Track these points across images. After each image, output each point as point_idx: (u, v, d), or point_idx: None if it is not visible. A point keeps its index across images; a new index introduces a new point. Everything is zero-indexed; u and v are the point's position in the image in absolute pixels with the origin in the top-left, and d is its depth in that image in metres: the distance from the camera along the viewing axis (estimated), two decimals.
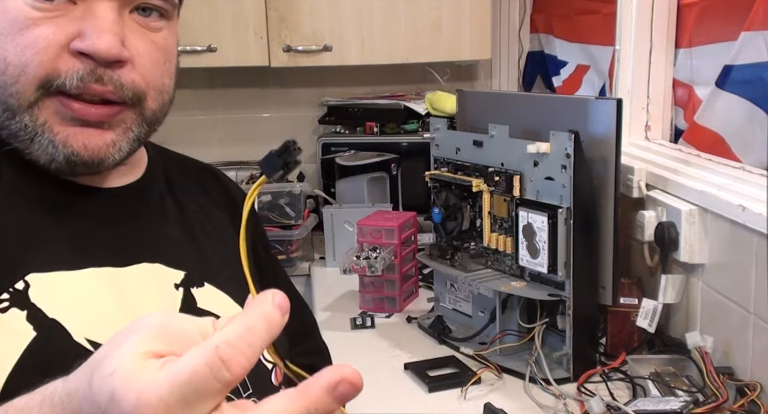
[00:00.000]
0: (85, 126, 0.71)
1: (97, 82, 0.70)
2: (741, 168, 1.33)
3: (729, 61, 1.38)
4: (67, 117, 0.70)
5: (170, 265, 0.81)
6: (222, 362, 0.40)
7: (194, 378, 0.40)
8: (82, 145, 0.71)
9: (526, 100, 1.63)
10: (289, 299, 1.11)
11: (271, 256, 1.06)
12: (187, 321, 0.45)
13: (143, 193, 0.84)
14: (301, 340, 1.03)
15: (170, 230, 0.84)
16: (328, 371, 0.44)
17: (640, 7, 1.63)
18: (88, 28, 0.69)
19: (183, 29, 2.61)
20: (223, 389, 0.41)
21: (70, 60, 0.69)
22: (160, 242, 0.82)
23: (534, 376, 1.30)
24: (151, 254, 0.80)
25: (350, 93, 2.50)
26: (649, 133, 1.68)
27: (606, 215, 1.34)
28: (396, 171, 2.14)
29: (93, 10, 0.70)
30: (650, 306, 1.37)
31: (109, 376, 0.42)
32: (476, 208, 1.47)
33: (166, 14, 0.76)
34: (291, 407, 0.42)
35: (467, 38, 2.26)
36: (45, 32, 0.69)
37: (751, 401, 1.14)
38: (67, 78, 0.69)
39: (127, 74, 0.72)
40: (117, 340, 0.44)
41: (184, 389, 0.40)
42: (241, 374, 0.41)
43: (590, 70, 2.10)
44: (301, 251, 2.09)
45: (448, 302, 1.60)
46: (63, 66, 0.69)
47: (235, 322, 0.42)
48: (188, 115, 2.56)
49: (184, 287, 0.81)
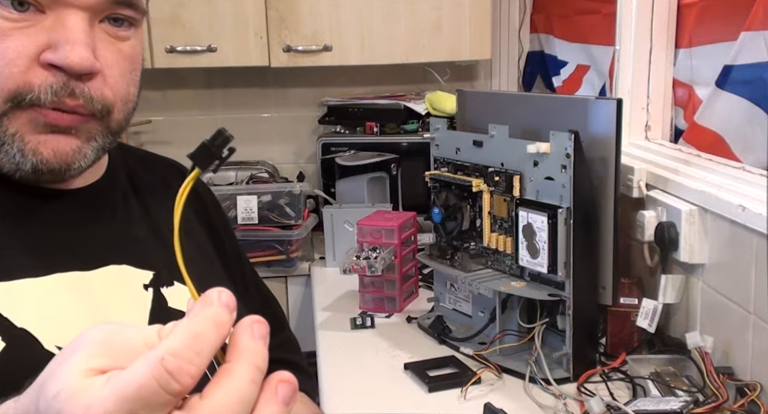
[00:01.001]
0: (55, 132, 0.70)
1: (69, 96, 0.69)
2: (741, 168, 1.33)
3: (729, 61, 1.38)
4: (40, 124, 0.69)
5: (138, 266, 0.79)
6: (170, 374, 0.39)
7: (142, 392, 0.39)
8: (52, 152, 0.70)
9: (526, 100, 1.63)
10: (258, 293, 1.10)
11: (238, 248, 1.03)
12: (131, 332, 0.43)
13: (106, 193, 0.82)
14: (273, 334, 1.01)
15: (136, 230, 0.83)
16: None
17: (640, 7, 1.63)
18: (60, 40, 0.67)
19: (183, 29, 2.63)
20: (173, 400, 0.39)
21: (42, 73, 0.68)
22: (126, 243, 0.81)
23: (534, 376, 1.30)
24: (117, 256, 0.78)
25: (350, 93, 2.50)
26: (649, 133, 1.68)
27: (606, 215, 1.34)
28: (396, 171, 2.14)
29: (63, 20, 0.68)
30: (650, 306, 1.37)
31: (54, 398, 0.40)
32: (476, 208, 1.47)
33: (134, 23, 0.75)
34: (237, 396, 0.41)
35: (467, 38, 2.26)
36: (14, 44, 0.67)
37: (751, 401, 1.14)
38: (41, 92, 0.67)
39: (97, 87, 0.70)
40: (61, 359, 0.42)
41: (132, 405, 0.39)
42: (190, 384, 0.39)
43: (590, 70, 2.10)
44: (301, 251, 2.09)
45: (448, 302, 1.60)
46: (35, 79, 0.68)
47: (180, 330, 0.40)
48: (188, 115, 2.56)
49: (153, 287, 0.80)
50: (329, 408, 1.26)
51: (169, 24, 2.18)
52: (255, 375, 0.41)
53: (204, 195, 0.98)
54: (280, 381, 0.43)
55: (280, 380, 0.43)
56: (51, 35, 0.67)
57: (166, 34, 2.18)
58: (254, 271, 1.08)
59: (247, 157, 2.52)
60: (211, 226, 0.96)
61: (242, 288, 0.98)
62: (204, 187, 1.00)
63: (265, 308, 1.03)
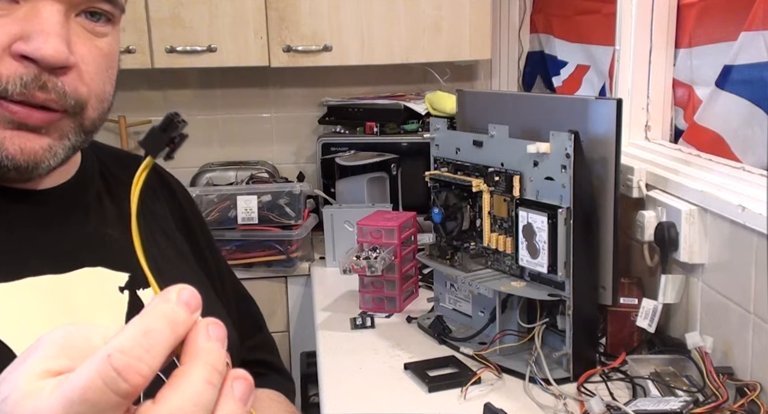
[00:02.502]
0: (22, 129, 0.67)
1: (41, 89, 0.66)
2: (741, 168, 1.33)
3: (729, 61, 1.38)
4: (5, 120, 0.66)
5: (113, 268, 0.77)
6: (117, 373, 0.36)
7: (88, 394, 0.36)
8: (18, 149, 0.67)
9: (526, 100, 1.63)
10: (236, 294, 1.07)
11: (215, 249, 1.01)
12: (91, 332, 0.40)
13: (78, 192, 0.79)
14: (250, 336, 1.00)
15: (111, 231, 0.80)
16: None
17: (640, 7, 1.63)
18: (33, 31, 0.65)
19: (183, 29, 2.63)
20: (123, 402, 0.36)
21: (12, 64, 0.65)
22: (100, 244, 0.78)
23: (534, 376, 1.30)
24: (92, 258, 0.75)
25: (350, 93, 2.50)
26: (649, 133, 1.68)
27: (606, 215, 1.34)
28: (396, 171, 2.14)
29: (38, 11, 0.65)
30: (650, 306, 1.37)
31: (3, 402, 0.38)
32: (476, 208, 1.47)
33: (112, 19, 0.72)
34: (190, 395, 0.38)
35: (467, 38, 2.26)
36: None
37: (751, 401, 1.14)
38: (9, 83, 0.65)
39: (70, 81, 0.68)
40: (18, 361, 0.40)
41: (79, 408, 0.36)
42: (141, 383, 0.36)
43: (590, 70, 2.10)
44: (301, 251, 2.09)
45: (448, 302, 1.60)
46: (4, 70, 0.65)
47: (131, 326, 0.38)
48: (188, 115, 2.55)
49: (129, 290, 0.77)
50: (329, 408, 1.26)
51: (169, 24, 2.18)
52: (211, 376, 0.38)
53: (180, 195, 0.97)
54: (235, 378, 0.40)
55: (234, 377, 0.40)
56: (24, 26, 0.65)
57: (166, 34, 2.18)
58: (232, 272, 1.05)
59: (247, 157, 2.52)
60: (187, 226, 0.94)
61: (220, 289, 0.96)
62: (181, 188, 0.97)
63: (243, 309, 1.02)
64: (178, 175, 1.00)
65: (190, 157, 2.49)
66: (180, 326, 0.38)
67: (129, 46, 2.14)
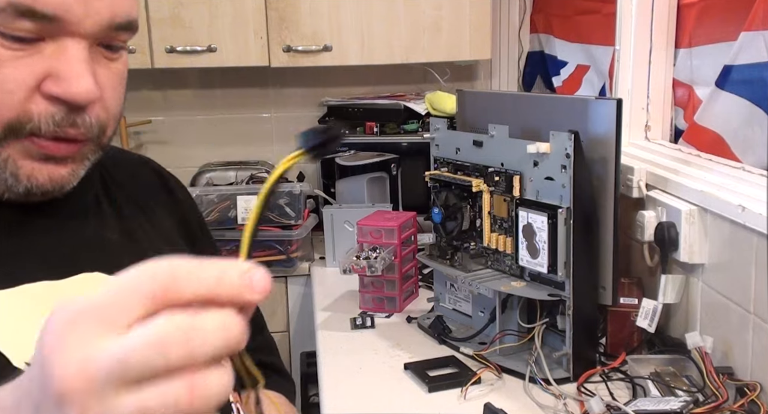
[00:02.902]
0: (50, 161, 0.68)
1: (72, 126, 0.67)
2: (741, 168, 1.33)
3: (729, 61, 1.38)
4: (36, 154, 0.67)
5: (111, 272, 0.74)
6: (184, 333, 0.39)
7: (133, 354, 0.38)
8: (47, 178, 0.68)
9: (526, 100, 1.63)
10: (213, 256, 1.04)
11: (215, 248, 1.00)
12: None
13: (77, 196, 0.77)
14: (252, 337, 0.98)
15: (108, 234, 0.79)
16: None
17: (640, 7, 1.63)
18: (62, 70, 0.65)
19: (183, 29, 2.62)
20: None
21: (42, 103, 0.65)
22: (98, 248, 0.77)
23: (534, 376, 1.30)
24: (89, 263, 0.75)
25: (350, 93, 2.50)
26: (649, 133, 1.68)
27: (606, 215, 1.34)
28: (396, 171, 2.14)
29: (65, 48, 0.65)
30: (650, 306, 1.37)
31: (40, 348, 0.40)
32: (476, 208, 1.47)
33: None
34: None
35: (467, 38, 2.26)
36: (14, 73, 0.64)
37: (751, 401, 1.14)
38: (41, 123, 0.65)
39: (96, 113, 0.69)
40: None
41: None
42: None
43: (590, 70, 2.10)
44: (301, 251, 2.09)
45: (448, 302, 1.60)
46: (35, 108, 0.65)
47: None
48: (188, 115, 2.56)
49: None
50: (329, 408, 1.26)
51: (169, 24, 2.18)
52: None
53: (180, 195, 0.96)
54: None
55: None
56: (52, 64, 0.65)
57: (166, 34, 2.18)
58: None
59: (247, 157, 2.52)
60: (187, 228, 0.93)
61: None
62: (180, 187, 0.96)
63: None
64: (178, 176, 0.99)
65: (190, 157, 2.49)
66: None
67: (129, 46, 2.14)
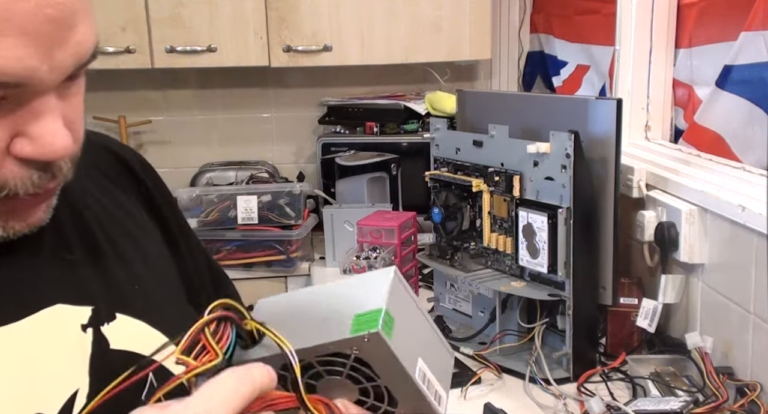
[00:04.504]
0: (26, 211, 0.62)
1: (51, 180, 0.60)
2: (741, 168, 1.33)
3: (729, 61, 1.38)
4: (11, 211, 0.60)
5: (73, 302, 0.67)
6: None
7: None
8: (25, 224, 0.62)
9: (526, 100, 1.63)
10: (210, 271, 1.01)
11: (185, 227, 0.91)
12: None
13: None
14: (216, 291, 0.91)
15: (66, 254, 0.70)
16: None
17: (640, 7, 1.63)
18: (32, 130, 0.56)
19: (183, 29, 2.62)
20: None
21: (14, 166, 0.57)
22: (58, 275, 0.68)
23: (534, 376, 1.30)
24: (48, 295, 0.66)
25: (350, 93, 2.50)
26: (649, 133, 1.68)
27: (606, 215, 1.34)
28: (396, 171, 2.14)
29: (31, 105, 0.56)
30: (650, 306, 1.37)
31: None
32: (476, 208, 1.47)
33: None
34: None
35: (467, 38, 2.26)
36: None
37: (751, 401, 1.14)
38: (18, 187, 0.58)
39: (71, 152, 0.61)
40: None
41: None
42: None
43: (590, 70, 2.10)
44: (301, 251, 2.09)
45: (448, 302, 1.60)
46: (9, 174, 0.57)
47: None
48: (188, 115, 2.56)
49: (93, 327, 0.68)
50: None
51: (169, 24, 2.18)
52: None
53: (144, 175, 0.86)
54: None
55: None
56: (18, 124, 0.56)
57: (166, 34, 2.18)
58: (205, 252, 0.95)
59: (247, 157, 2.52)
60: (151, 207, 0.85)
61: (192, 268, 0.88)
62: (141, 164, 0.86)
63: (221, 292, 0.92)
64: (178, 175, 0.97)
65: (190, 157, 2.49)
66: None
67: (129, 46, 2.14)
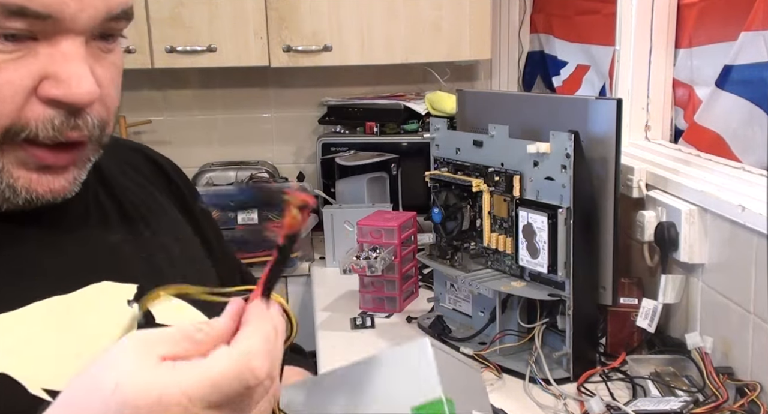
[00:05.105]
0: (49, 172, 0.64)
1: (73, 129, 0.62)
2: (741, 168, 1.33)
3: (729, 61, 1.38)
4: (29, 162, 0.63)
5: (119, 280, 0.72)
6: (251, 371, 0.46)
7: (224, 381, 0.45)
8: (48, 189, 0.64)
9: (526, 100, 1.63)
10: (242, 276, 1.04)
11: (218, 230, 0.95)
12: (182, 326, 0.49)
13: (77, 198, 0.72)
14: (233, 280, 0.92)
15: (113, 237, 0.75)
16: None
17: (640, 7, 1.63)
18: (60, 71, 0.60)
19: (183, 29, 2.62)
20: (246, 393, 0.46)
21: (39, 107, 0.61)
22: (103, 255, 0.73)
23: (534, 376, 1.30)
24: (96, 272, 0.70)
25: (350, 93, 2.50)
26: (649, 133, 1.68)
27: (606, 215, 1.34)
28: (396, 171, 2.14)
29: (60, 47, 0.61)
30: (650, 306, 1.37)
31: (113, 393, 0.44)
32: (476, 208, 1.47)
33: None
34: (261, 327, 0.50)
35: (467, 38, 2.26)
36: (9, 77, 0.60)
37: (751, 401, 1.14)
38: (39, 129, 0.61)
39: (97, 111, 0.64)
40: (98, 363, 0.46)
41: (212, 391, 0.45)
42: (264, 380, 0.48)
43: (590, 70, 2.10)
44: (301, 251, 2.09)
45: (448, 302, 1.60)
46: (31, 114, 0.61)
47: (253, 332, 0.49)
48: (188, 115, 2.56)
49: (138, 302, 0.71)
50: None
51: (169, 24, 2.18)
52: None
53: (176, 177, 0.91)
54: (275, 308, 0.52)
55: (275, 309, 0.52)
56: (48, 65, 0.61)
57: (166, 34, 2.18)
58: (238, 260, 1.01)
59: (247, 157, 2.52)
60: (189, 213, 0.89)
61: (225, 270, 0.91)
62: (177, 172, 0.91)
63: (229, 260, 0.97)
64: None
65: (190, 157, 2.48)
66: (282, 333, 0.51)
67: (129, 46, 2.14)
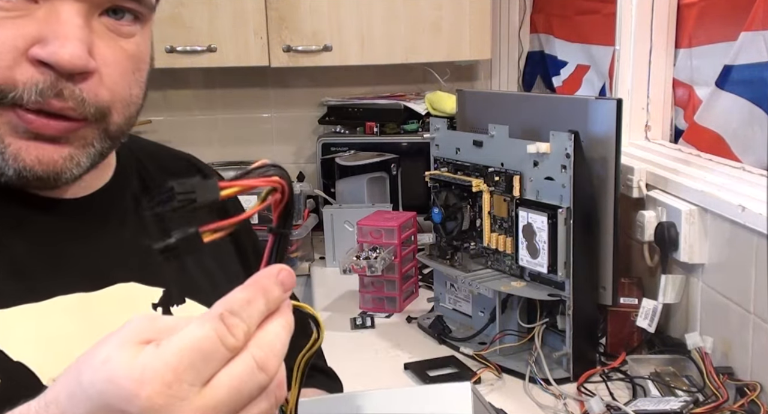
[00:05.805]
0: (39, 140, 0.63)
1: (57, 97, 0.61)
2: (741, 168, 1.33)
3: (729, 61, 1.38)
4: (20, 129, 0.62)
5: (146, 283, 0.72)
6: (227, 328, 0.43)
7: (203, 344, 0.43)
8: (36, 159, 0.63)
9: (526, 100, 1.63)
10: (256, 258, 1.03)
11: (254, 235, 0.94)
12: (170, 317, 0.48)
13: (113, 198, 0.73)
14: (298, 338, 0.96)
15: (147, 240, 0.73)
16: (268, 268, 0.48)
17: (640, 7, 1.63)
18: (50, 34, 0.60)
19: (183, 29, 2.62)
20: (228, 354, 0.43)
21: (29, 69, 0.61)
22: (134, 256, 0.72)
23: (534, 376, 1.30)
24: (124, 272, 0.71)
25: (350, 93, 2.50)
26: (649, 133, 1.68)
27: (606, 215, 1.34)
28: (396, 171, 2.14)
29: (57, 12, 0.61)
30: (650, 306, 1.37)
31: (103, 364, 0.43)
32: (476, 208, 1.47)
33: (140, 18, 0.67)
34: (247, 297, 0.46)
35: (467, 38, 2.26)
36: (3, 35, 0.60)
37: (751, 401, 1.14)
38: (24, 91, 0.60)
39: (90, 88, 0.63)
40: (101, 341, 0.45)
41: (191, 355, 0.42)
42: (243, 341, 0.44)
43: (590, 70, 2.10)
44: (301, 251, 2.09)
45: (448, 302, 1.60)
46: (20, 76, 0.60)
47: (237, 294, 0.46)
48: (188, 115, 2.56)
49: (163, 307, 0.73)
50: None
51: (169, 24, 2.18)
52: None
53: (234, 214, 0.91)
54: (281, 269, 0.47)
55: (281, 269, 0.47)
56: (42, 28, 0.60)
57: (166, 34, 2.17)
58: None
59: (247, 157, 2.51)
60: (238, 245, 0.88)
61: None
62: (234, 205, 0.89)
63: None
64: None
65: None
66: (272, 302, 0.46)
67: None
